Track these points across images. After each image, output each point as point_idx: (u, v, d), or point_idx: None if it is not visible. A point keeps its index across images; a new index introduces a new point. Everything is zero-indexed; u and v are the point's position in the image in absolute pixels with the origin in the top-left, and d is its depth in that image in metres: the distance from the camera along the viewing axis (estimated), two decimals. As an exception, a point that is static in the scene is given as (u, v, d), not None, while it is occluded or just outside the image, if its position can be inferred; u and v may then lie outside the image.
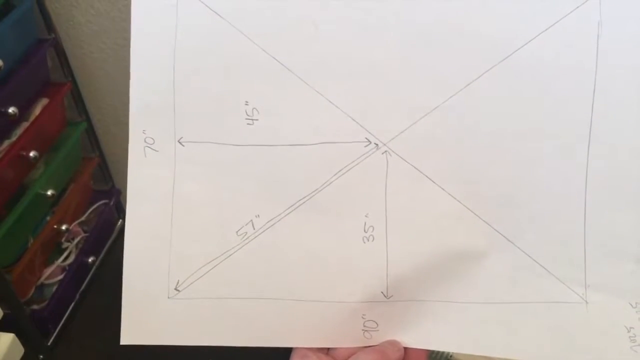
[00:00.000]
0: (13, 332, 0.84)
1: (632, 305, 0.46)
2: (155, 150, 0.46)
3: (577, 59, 0.44)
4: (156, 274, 0.47)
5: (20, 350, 0.84)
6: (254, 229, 0.47)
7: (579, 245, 0.46)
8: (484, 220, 0.46)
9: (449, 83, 0.45)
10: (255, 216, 0.47)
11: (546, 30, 0.44)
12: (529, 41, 0.44)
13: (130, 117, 0.46)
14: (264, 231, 0.47)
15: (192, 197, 0.47)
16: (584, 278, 0.46)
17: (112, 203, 1.57)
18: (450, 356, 0.68)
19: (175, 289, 0.47)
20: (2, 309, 0.89)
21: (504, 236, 0.46)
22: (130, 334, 0.47)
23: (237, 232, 0.47)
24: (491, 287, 0.47)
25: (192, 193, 0.47)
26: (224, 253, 0.47)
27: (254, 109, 0.46)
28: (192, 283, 0.47)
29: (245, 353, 0.49)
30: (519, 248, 0.46)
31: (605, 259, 0.46)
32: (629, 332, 0.46)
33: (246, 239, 0.47)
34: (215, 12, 0.45)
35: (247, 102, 0.46)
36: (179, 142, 0.46)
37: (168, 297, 0.47)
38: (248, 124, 0.46)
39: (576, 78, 0.44)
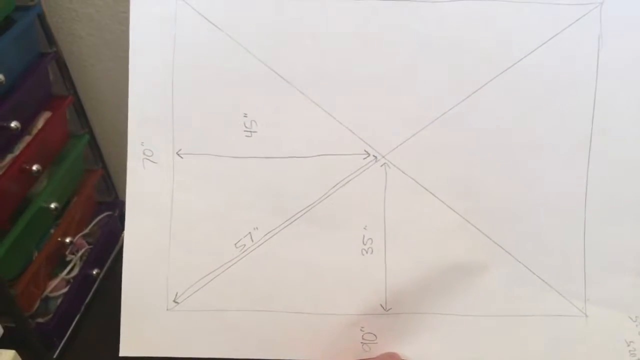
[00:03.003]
0: (19, 346, 0.84)
1: (632, 319, 0.46)
2: (154, 162, 0.47)
3: (577, 72, 0.44)
4: (155, 286, 0.47)
5: (22, 365, 0.83)
6: (253, 241, 0.47)
7: (578, 259, 0.46)
8: (483, 233, 0.46)
9: (448, 95, 0.45)
10: (254, 228, 0.47)
11: (546, 42, 0.44)
12: (529, 54, 0.44)
13: (129, 129, 0.46)
14: (262, 243, 0.47)
15: (191, 209, 0.47)
16: (584, 291, 0.46)
17: (115, 214, 1.57)
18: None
19: (174, 301, 0.47)
20: (7, 322, 0.90)
21: (504, 249, 0.46)
22: (130, 346, 0.47)
23: (235, 244, 0.47)
24: (490, 300, 0.47)
25: (191, 205, 0.47)
26: (223, 265, 0.47)
27: (253, 121, 0.46)
28: (190, 295, 0.47)
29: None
30: (518, 261, 0.46)
31: (605, 272, 0.46)
32: (628, 346, 0.46)
33: (244, 251, 0.47)
34: (214, 25, 0.45)
35: (245, 114, 0.46)
36: (178, 154, 0.47)
37: (167, 309, 0.47)
38: (246, 136, 0.46)
39: (576, 91, 0.44)
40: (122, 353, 0.47)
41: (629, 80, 0.44)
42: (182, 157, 0.47)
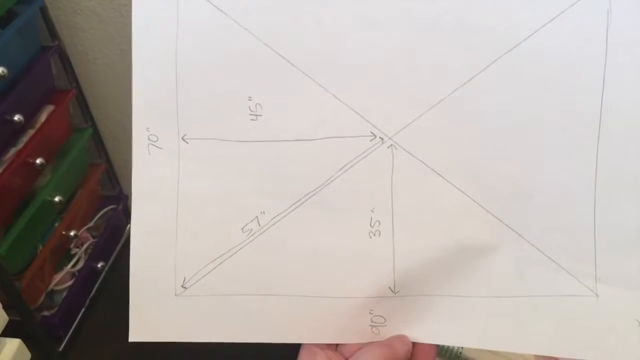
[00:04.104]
0: (24, 339, 0.84)
1: None
2: (159, 148, 0.46)
3: (585, 49, 0.43)
4: (163, 271, 0.47)
5: (27, 355, 0.84)
6: (260, 225, 0.47)
7: (588, 238, 0.46)
8: (492, 214, 0.46)
9: (454, 75, 0.44)
10: (261, 212, 0.47)
11: (553, 19, 0.43)
12: (536, 31, 0.43)
13: (133, 115, 0.46)
14: (269, 227, 0.47)
15: (197, 194, 0.47)
16: (594, 271, 0.46)
17: (120, 208, 1.58)
18: (461, 351, 0.67)
19: (182, 286, 0.47)
20: (12, 315, 0.90)
21: (513, 229, 0.46)
22: (139, 332, 0.47)
23: (242, 228, 0.47)
24: (500, 280, 0.46)
25: (197, 190, 0.47)
26: (230, 250, 0.47)
27: (258, 105, 0.46)
28: (198, 280, 0.47)
29: (253, 349, 0.49)
30: (528, 241, 0.46)
31: (615, 251, 0.46)
32: None
33: (252, 235, 0.47)
34: (217, 8, 0.45)
35: (250, 97, 0.46)
36: (183, 139, 0.46)
37: (175, 295, 0.47)
38: (252, 119, 0.46)
39: (585, 68, 0.44)
40: (131, 339, 0.47)
41: (639, 56, 0.43)
42: (187, 142, 0.46)
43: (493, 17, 0.44)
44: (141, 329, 0.47)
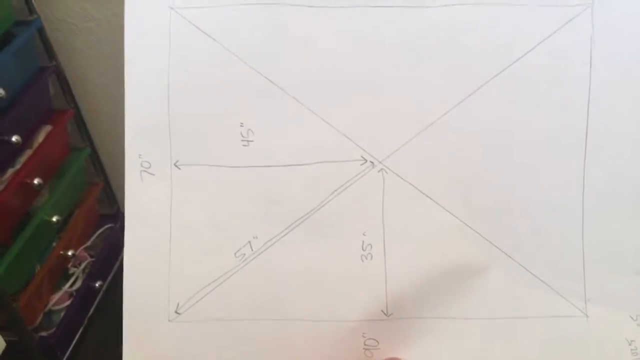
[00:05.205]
0: (22, 359, 0.84)
1: (632, 318, 0.46)
2: (152, 174, 0.47)
3: (570, 72, 0.44)
4: (156, 297, 0.47)
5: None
6: (252, 250, 0.47)
7: (577, 258, 0.46)
8: (482, 236, 0.46)
9: (443, 99, 0.45)
10: (253, 237, 0.47)
11: (538, 45, 0.44)
12: (521, 57, 0.44)
13: (126, 142, 0.46)
14: (262, 252, 0.47)
15: (190, 220, 0.47)
16: (584, 291, 0.46)
17: (117, 226, 1.57)
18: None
19: (176, 311, 0.47)
20: (10, 336, 0.90)
21: (503, 251, 0.46)
22: (132, 358, 0.47)
23: (235, 253, 0.47)
24: (491, 302, 0.47)
25: (190, 216, 0.47)
26: (223, 275, 0.47)
27: (249, 130, 0.46)
28: (192, 305, 0.47)
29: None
30: (517, 262, 0.46)
31: (605, 271, 0.46)
32: (630, 345, 0.45)
33: (245, 260, 0.47)
34: (208, 35, 0.45)
35: (242, 123, 0.46)
36: (175, 166, 0.47)
37: (169, 320, 0.47)
38: (244, 145, 0.46)
39: (570, 90, 0.44)
40: None
41: (622, 78, 0.44)
42: (179, 168, 0.47)
43: (481, 42, 0.44)
44: (135, 355, 0.47)
